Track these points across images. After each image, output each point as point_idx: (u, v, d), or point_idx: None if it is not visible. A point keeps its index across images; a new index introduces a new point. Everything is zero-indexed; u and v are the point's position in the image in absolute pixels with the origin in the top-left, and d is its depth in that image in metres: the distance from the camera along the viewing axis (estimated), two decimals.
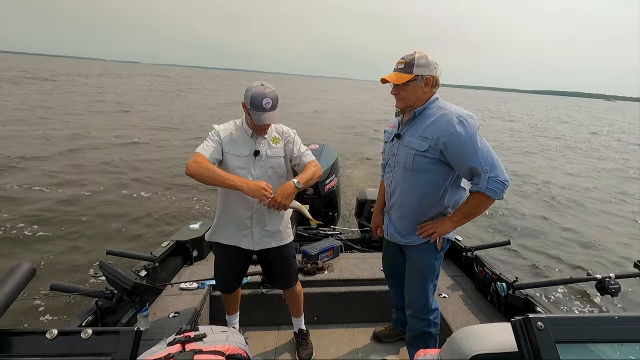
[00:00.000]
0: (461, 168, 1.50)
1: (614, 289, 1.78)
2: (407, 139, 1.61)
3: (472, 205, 1.55)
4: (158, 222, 6.23)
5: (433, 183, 1.57)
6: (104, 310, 1.83)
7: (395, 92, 1.58)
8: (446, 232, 1.61)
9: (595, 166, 11.54)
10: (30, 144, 9.61)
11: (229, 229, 1.86)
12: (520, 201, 7.21)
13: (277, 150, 1.83)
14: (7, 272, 0.75)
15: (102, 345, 0.62)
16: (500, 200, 1.50)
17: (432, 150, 1.51)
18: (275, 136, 1.84)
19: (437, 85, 1.57)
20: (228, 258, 1.93)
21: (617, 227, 5.91)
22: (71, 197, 7.32)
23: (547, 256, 4.88)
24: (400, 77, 1.52)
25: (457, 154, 1.46)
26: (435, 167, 1.53)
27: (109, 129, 12.57)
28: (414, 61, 1.50)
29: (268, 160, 1.79)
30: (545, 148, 14.68)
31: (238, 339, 1.18)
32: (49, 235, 5.61)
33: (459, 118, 1.46)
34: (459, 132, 1.44)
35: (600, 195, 7.63)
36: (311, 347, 2.15)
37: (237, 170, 1.75)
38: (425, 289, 1.71)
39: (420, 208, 1.63)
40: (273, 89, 1.69)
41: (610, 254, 5.00)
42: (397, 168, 1.66)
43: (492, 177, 1.43)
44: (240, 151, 1.76)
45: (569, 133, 22.16)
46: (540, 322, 0.60)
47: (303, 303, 2.16)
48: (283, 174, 1.87)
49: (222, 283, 2.04)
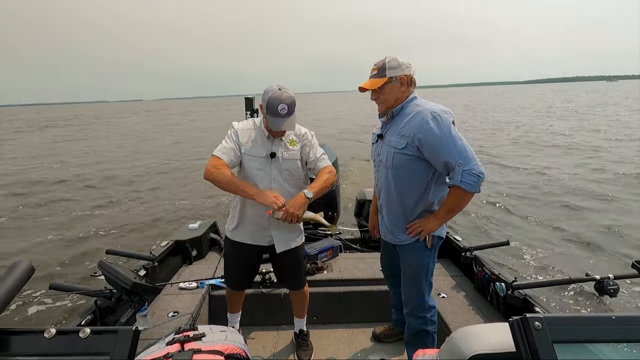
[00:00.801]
0: (437, 163, 1.53)
1: (612, 290, 1.79)
2: (387, 138, 1.66)
3: (452, 200, 1.57)
4: (158, 221, 6.24)
5: (414, 180, 1.60)
6: (103, 310, 1.83)
7: (375, 97, 1.65)
8: (433, 229, 1.63)
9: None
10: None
11: (251, 228, 1.86)
12: (520, 201, 7.22)
13: (293, 153, 1.82)
14: (6, 270, 0.75)
15: (101, 344, 0.62)
16: (478, 193, 1.50)
17: (410, 148, 1.55)
18: (292, 138, 1.83)
19: (414, 83, 1.62)
20: (244, 255, 1.92)
21: (617, 227, 5.91)
22: (70, 196, 7.33)
23: (546, 256, 4.88)
24: (376, 82, 1.60)
25: (432, 149, 1.50)
26: (414, 164, 1.57)
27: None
28: (385, 65, 1.58)
29: (284, 162, 1.79)
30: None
31: (237, 339, 1.18)
32: (49, 234, 5.62)
33: (432, 114, 1.51)
34: (432, 128, 1.48)
35: (601, 196, 7.63)
36: (311, 348, 2.15)
37: (255, 171, 1.75)
38: (420, 287, 1.72)
39: (405, 205, 1.65)
40: (290, 93, 1.66)
41: (610, 254, 5.00)
42: (381, 167, 1.71)
43: (466, 170, 1.45)
44: (258, 152, 1.76)
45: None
46: (537, 321, 0.60)
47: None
48: (300, 177, 1.86)
49: (234, 279, 2.03)
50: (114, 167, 11.45)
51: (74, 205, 7.26)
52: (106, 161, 12.67)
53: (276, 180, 1.77)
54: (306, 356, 2.10)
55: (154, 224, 6.16)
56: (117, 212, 6.66)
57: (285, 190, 1.78)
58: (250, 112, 3.37)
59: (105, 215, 6.50)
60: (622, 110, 28.04)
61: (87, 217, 6.43)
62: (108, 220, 6.29)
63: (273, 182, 1.77)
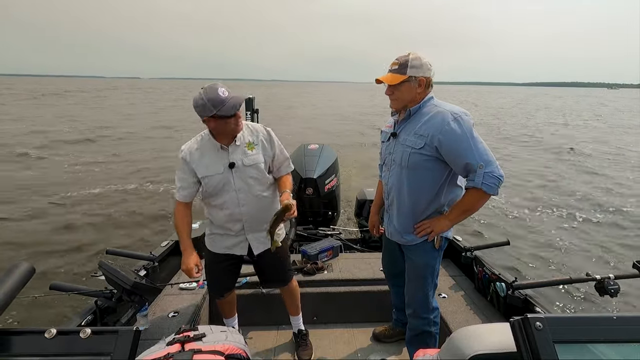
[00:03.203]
0: (456, 164, 1.51)
1: (613, 290, 1.78)
2: (402, 137, 1.63)
3: (468, 201, 1.56)
4: (157, 221, 6.23)
5: (429, 180, 1.58)
6: (103, 310, 1.83)
7: (390, 92, 1.61)
8: (443, 230, 1.62)
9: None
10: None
11: (222, 240, 1.82)
12: (520, 201, 7.21)
13: (254, 157, 1.70)
14: (6, 271, 0.75)
15: (101, 344, 0.62)
16: (495, 196, 1.51)
17: (427, 148, 1.52)
18: (249, 141, 1.71)
19: (431, 86, 1.60)
20: (219, 264, 1.89)
21: (617, 226, 5.91)
22: (71, 196, 7.32)
23: (547, 256, 4.88)
24: (395, 78, 1.55)
25: (453, 150, 1.48)
26: (430, 164, 1.55)
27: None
28: (408, 62, 1.53)
29: (245, 170, 1.68)
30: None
31: (237, 339, 1.18)
32: (49, 233, 5.62)
33: (453, 115, 1.49)
34: (454, 129, 1.46)
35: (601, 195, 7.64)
36: (311, 347, 2.14)
37: (217, 189, 1.68)
38: (425, 288, 1.72)
39: (417, 206, 1.63)
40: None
41: (610, 254, 5.00)
42: (394, 166, 1.67)
43: (488, 172, 1.45)
44: (215, 169, 1.66)
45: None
46: (538, 322, 0.61)
47: (301, 301, 2.15)
48: (266, 181, 1.76)
49: (215, 288, 2.00)
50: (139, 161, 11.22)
51: (74, 203, 7.26)
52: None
53: (242, 190, 1.69)
54: (306, 356, 2.09)
55: (154, 224, 6.15)
56: (117, 212, 6.65)
57: (253, 196, 1.71)
58: (251, 112, 3.36)
59: (105, 215, 6.50)
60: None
61: (87, 217, 6.43)
62: (108, 219, 6.29)
63: (239, 192, 1.69)
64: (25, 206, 6.57)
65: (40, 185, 7.73)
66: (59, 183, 7.96)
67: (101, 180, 8.30)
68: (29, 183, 7.86)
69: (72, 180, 8.27)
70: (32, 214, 6.27)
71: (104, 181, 8.20)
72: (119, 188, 7.81)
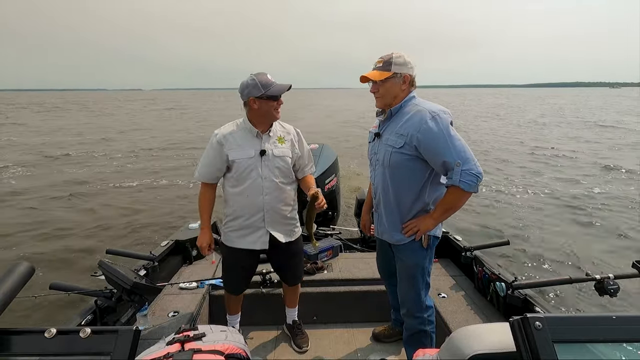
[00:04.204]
0: (435, 163, 1.53)
1: (612, 289, 1.78)
2: (385, 137, 1.66)
3: (449, 200, 1.57)
4: (157, 221, 6.23)
5: (411, 179, 1.60)
6: (103, 310, 1.83)
7: (374, 89, 1.64)
8: (429, 229, 1.63)
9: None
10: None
11: (243, 233, 1.85)
12: (519, 201, 7.21)
13: (283, 150, 1.81)
14: (6, 271, 0.75)
15: (101, 344, 0.62)
16: (476, 193, 1.51)
17: (407, 147, 1.55)
18: (280, 135, 1.83)
19: (414, 84, 1.63)
20: (241, 260, 1.92)
21: (617, 226, 5.91)
22: (70, 196, 7.33)
23: (546, 256, 4.88)
24: (379, 75, 1.59)
25: (430, 149, 1.50)
26: (411, 163, 1.57)
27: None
28: (392, 59, 1.58)
29: (275, 159, 1.78)
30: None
31: (237, 339, 1.18)
32: (49, 233, 5.62)
33: (431, 114, 1.51)
34: (431, 128, 1.49)
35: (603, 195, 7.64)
36: (307, 335, 2.19)
37: (245, 172, 1.75)
38: (417, 288, 1.72)
39: (401, 204, 1.65)
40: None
41: (609, 254, 5.00)
42: (378, 166, 1.71)
43: (465, 170, 1.46)
44: (247, 153, 1.75)
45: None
46: (538, 321, 0.61)
47: (300, 300, 2.21)
48: (289, 174, 1.85)
49: (233, 284, 2.02)
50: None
51: (74, 203, 7.27)
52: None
53: (267, 178, 1.77)
54: (304, 344, 2.13)
55: (153, 223, 6.15)
56: (117, 212, 6.66)
57: (277, 186, 1.79)
58: None
59: (105, 214, 6.50)
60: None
61: (87, 216, 6.43)
62: (108, 219, 6.29)
63: (264, 180, 1.77)
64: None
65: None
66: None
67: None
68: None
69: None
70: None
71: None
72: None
